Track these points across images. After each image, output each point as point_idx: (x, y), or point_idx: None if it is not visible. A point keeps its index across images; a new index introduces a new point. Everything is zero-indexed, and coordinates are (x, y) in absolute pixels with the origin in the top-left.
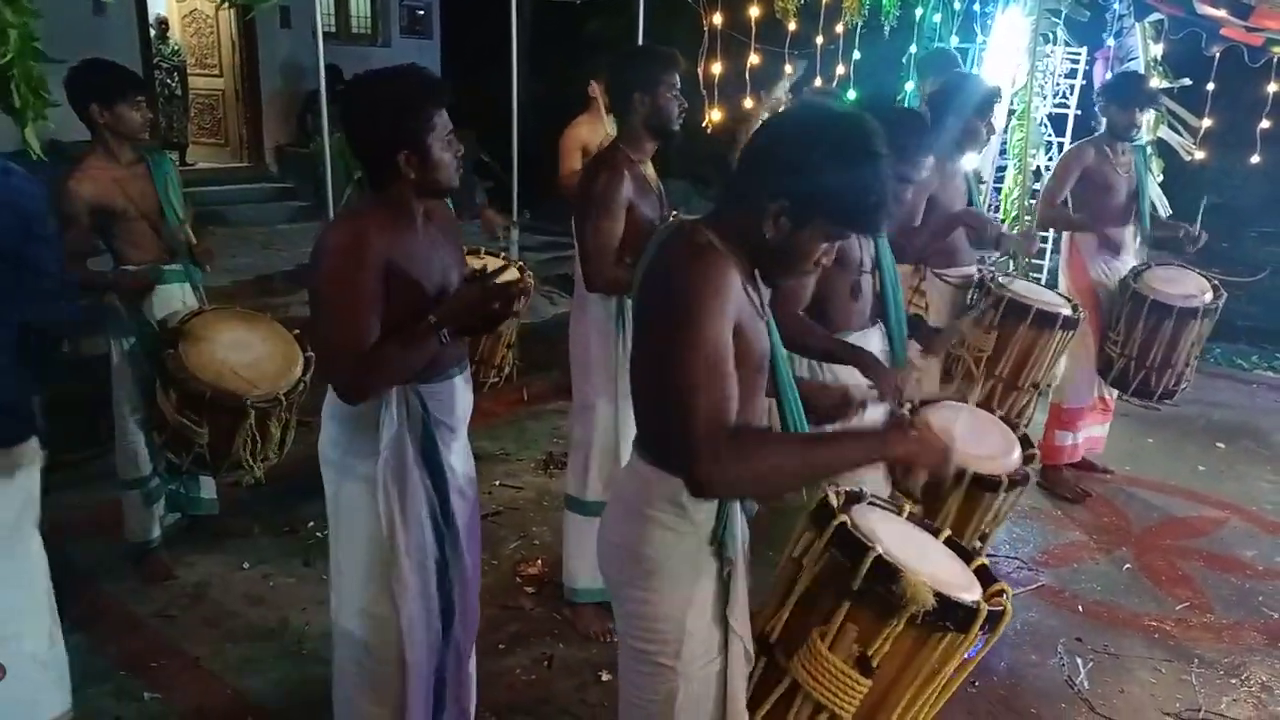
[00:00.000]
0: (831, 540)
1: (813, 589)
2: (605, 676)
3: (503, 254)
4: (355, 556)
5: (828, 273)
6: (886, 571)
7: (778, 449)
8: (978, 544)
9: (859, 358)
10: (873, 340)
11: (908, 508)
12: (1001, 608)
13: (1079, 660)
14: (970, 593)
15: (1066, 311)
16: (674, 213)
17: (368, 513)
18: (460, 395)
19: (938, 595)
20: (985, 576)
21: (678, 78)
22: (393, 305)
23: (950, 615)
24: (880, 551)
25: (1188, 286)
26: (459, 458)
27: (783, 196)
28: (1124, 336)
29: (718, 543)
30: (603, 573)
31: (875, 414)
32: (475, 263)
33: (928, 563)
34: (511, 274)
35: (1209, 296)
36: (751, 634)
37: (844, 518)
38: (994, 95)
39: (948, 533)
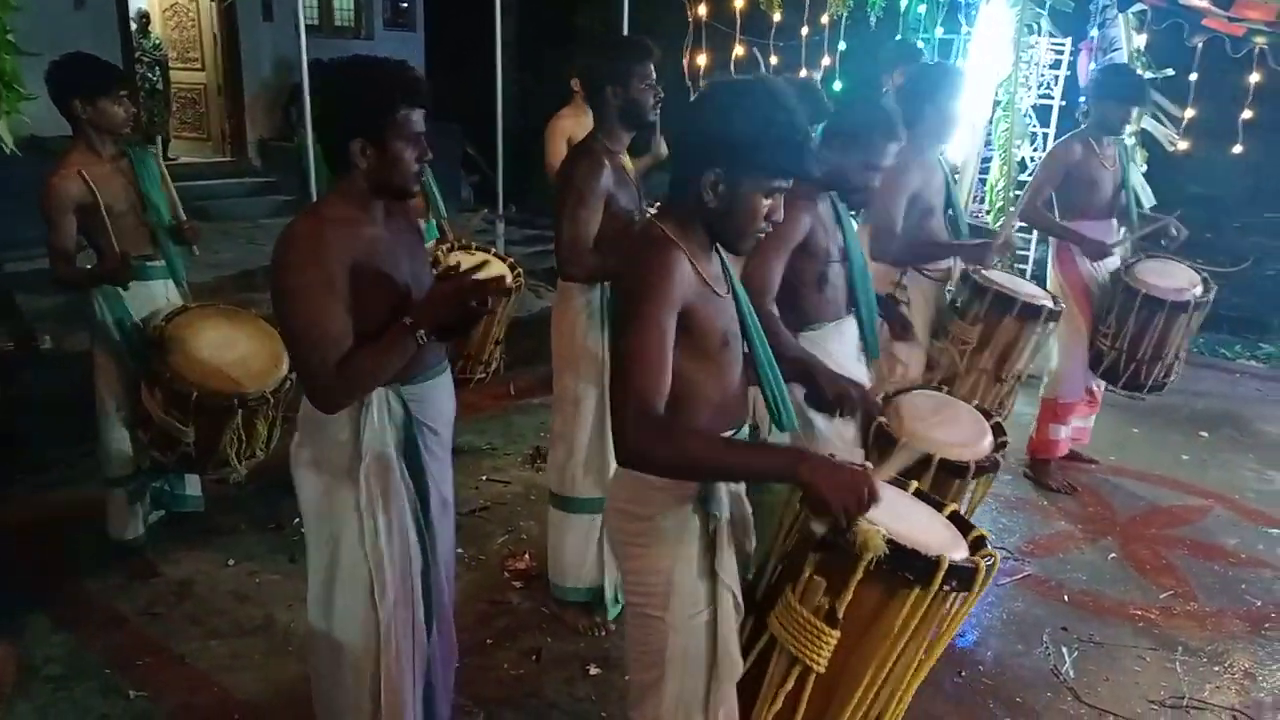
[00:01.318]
0: (804, 499)
1: (791, 551)
2: (594, 670)
3: (492, 249)
4: (334, 560)
5: (795, 263)
6: (845, 522)
7: (697, 443)
8: None
9: (812, 370)
10: (848, 330)
11: (914, 485)
12: (972, 564)
13: (1065, 649)
14: (952, 553)
15: (1049, 304)
16: (655, 205)
17: (348, 515)
18: (443, 396)
19: (891, 543)
20: (979, 547)
21: (651, 68)
22: (363, 304)
23: (908, 565)
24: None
25: (1179, 279)
26: (440, 463)
27: (711, 166)
28: (1115, 330)
29: (701, 500)
30: (609, 536)
31: (847, 428)
32: (465, 259)
33: (904, 522)
34: (497, 268)
35: (1199, 290)
36: (746, 595)
37: None
38: (958, 78)
39: (953, 507)
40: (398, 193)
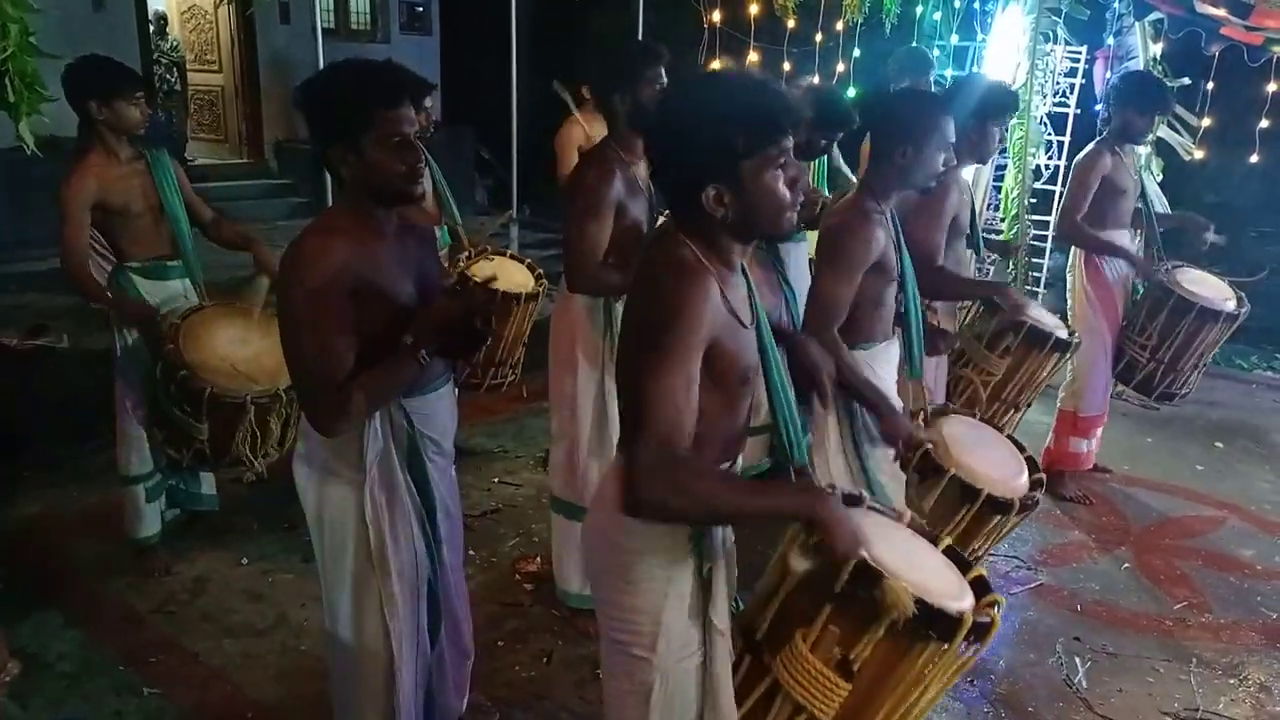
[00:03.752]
0: (819, 541)
1: (798, 590)
2: None
3: (509, 252)
4: (343, 569)
5: (864, 281)
6: (868, 576)
7: (713, 488)
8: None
9: (876, 404)
10: (894, 352)
11: (908, 514)
12: (989, 619)
13: (1077, 659)
14: (960, 602)
15: (1068, 336)
16: (665, 214)
17: (355, 525)
18: (444, 408)
19: (919, 603)
20: (981, 588)
21: (661, 71)
22: (364, 316)
23: (933, 624)
24: (863, 555)
25: (1215, 290)
26: (442, 472)
27: (705, 182)
28: (1156, 341)
29: (695, 539)
30: (585, 562)
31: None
32: (486, 269)
33: (918, 570)
34: (518, 276)
35: (1234, 302)
36: (738, 629)
37: None
38: (1011, 99)
39: (948, 541)
40: (392, 198)
